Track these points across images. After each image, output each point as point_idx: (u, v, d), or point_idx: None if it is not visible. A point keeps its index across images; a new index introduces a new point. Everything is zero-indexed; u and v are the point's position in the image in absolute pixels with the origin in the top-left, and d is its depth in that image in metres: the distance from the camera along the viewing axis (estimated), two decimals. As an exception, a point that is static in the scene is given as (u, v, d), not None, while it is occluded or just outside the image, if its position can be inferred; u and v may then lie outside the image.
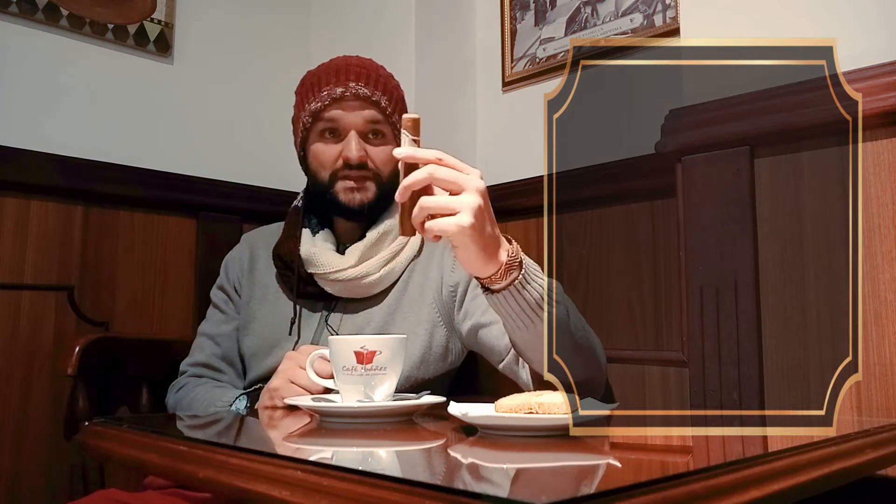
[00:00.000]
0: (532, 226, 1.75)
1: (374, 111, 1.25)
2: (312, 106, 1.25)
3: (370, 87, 1.25)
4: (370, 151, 1.25)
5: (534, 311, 0.95)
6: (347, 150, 1.24)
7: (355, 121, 1.24)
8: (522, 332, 0.97)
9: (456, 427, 0.83)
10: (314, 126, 1.26)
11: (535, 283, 0.94)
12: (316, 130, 1.26)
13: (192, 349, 1.37)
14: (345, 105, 1.24)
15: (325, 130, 1.26)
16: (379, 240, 1.26)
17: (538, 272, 0.97)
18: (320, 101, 1.24)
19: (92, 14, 1.72)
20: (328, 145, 1.26)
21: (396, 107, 1.28)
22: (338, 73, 1.25)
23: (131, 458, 0.78)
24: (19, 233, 1.57)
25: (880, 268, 1.08)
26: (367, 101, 1.24)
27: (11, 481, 1.51)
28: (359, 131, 1.25)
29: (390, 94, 1.27)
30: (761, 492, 0.57)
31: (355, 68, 1.26)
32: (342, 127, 1.25)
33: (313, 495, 0.55)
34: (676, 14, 1.57)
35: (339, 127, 1.25)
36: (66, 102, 1.68)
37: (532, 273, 0.95)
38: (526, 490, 0.56)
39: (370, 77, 1.26)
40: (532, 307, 0.94)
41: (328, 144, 1.26)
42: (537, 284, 0.95)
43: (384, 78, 1.29)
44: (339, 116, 1.24)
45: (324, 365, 1.03)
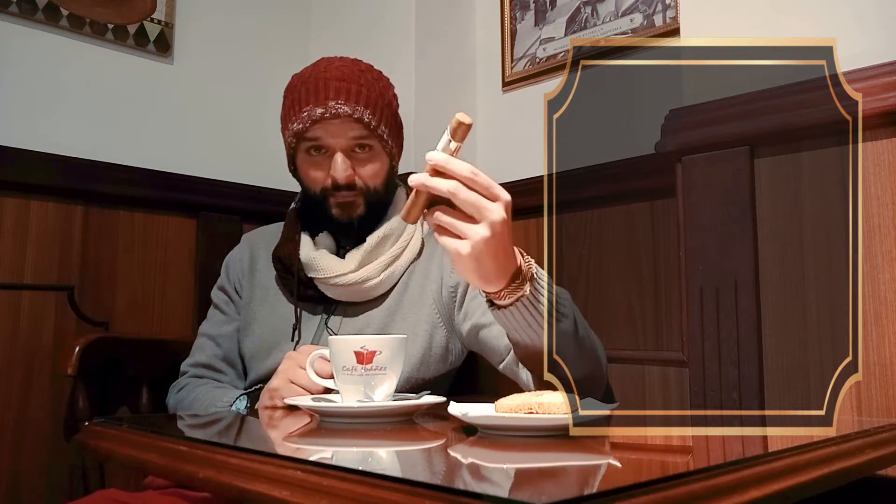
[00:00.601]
0: (532, 226, 1.75)
1: (358, 128, 1.22)
2: (295, 127, 1.23)
3: (351, 104, 1.20)
4: (357, 169, 1.24)
5: (539, 326, 0.93)
6: (334, 171, 1.22)
7: (339, 142, 1.22)
8: (526, 344, 0.97)
9: (456, 427, 0.83)
10: (299, 145, 1.25)
11: (542, 300, 0.91)
12: (302, 149, 1.25)
13: (193, 350, 1.37)
14: (327, 126, 1.21)
15: (310, 149, 1.24)
16: (379, 244, 1.26)
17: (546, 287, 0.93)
18: (301, 123, 1.21)
19: (92, 14, 1.72)
20: (315, 164, 1.24)
21: (382, 116, 1.24)
22: (317, 90, 1.21)
23: (131, 458, 0.78)
24: (19, 233, 1.57)
25: (880, 268, 1.08)
26: (349, 120, 1.21)
27: (11, 481, 1.51)
28: (343, 150, 1.23)
29: (374, 106, 1.23)
30: (761, 492, 0.57)
31: (335, 83, 1.21)
32: (327, 146, 1.23)
33: (313, 495, 0.55)
34: (676, 14, 1.58)
35: (323, 146, 1.23)
36: (66, 102, 1.68)
37: (539, 289, 0.92)
38: (526, 490, 0.55)
39: (350, 92, 1.21)
40: (539, 322, 0.92)
41: (315, 163, 1.24)
42: (540, 305, 0.92)
43: (367, 87, 1.24)
44: (322, 138, 1.22)
45: (324, 365, 1.03)
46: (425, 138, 1.76)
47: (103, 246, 1.68)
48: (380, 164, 1.26)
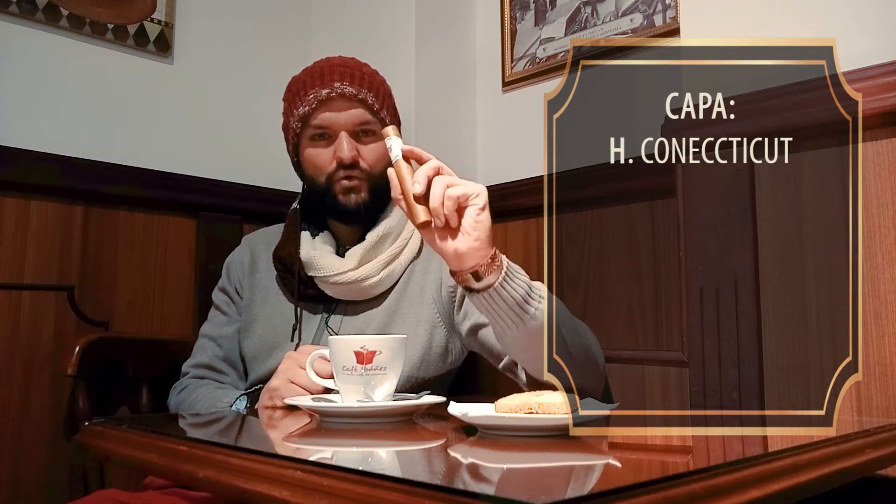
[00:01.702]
0: (532, 226, 1.74)
1: (362, 109, 1.25)
2: (301, 111, 1.24)
3: (355, 86, 1.24)
4: (361, 150, 1.26)
5: (520, 308, 0.96)
6: (340, 150, 1.24)
7: (345, 121, 1.24)
8: (510, 333, 0.98)
9: (456, 427, 0.83)
10: (304, 131, 1.26)
11: (518, 280, 0.96)
12: (307, 136, 1.26)
13: (194, 350, 1.37)
14: (332, 106, 1.24)
15: (315, 135, 1.26)
16: (379, 242, 1.26)
17: (519, 273, 0.98)
18: (307, 105, 1.24)
19: (92, 14, 1.72)
20: (320, 149, 1.26)
21: (385, 102, 1.29)
22: (322, 74, 1.25)
23: (131, 458, 0.78)
24: (19, 233, 1.57)
25: (880, 268, 1.08)
26: (354, 100, 1.24)
27: (11, 481, 1.51)
28: (349, 131, 1.25)
29: (377, 91, 1.27)
30: (761, 492, 0.57)
31: (339, 68, 1.26)
32: (332, 129, 1.25)
33: (313, 495, 0.55)
34: (676, 14, 1.58)
35: (329, 130, 1.25)
36: (66, 102, 1.68)
37: (515, 272, 0.97)
38: (525, 490, 0.55)
39: (354, 76, 1.26)
40: (517, 304, 0.95)
41: (320, 148, 1.26)
42: (517, 284, 0.96)
43: (368, 75, 1.29)
44: (329, 120, 1.24)
45: (324, 365, 1.03)
46: (426, 137, 1.76)
47: (103, 246, 1.68)
48: (382, 149, 1.27)
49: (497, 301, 0.95)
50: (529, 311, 0.96)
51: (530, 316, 0.96)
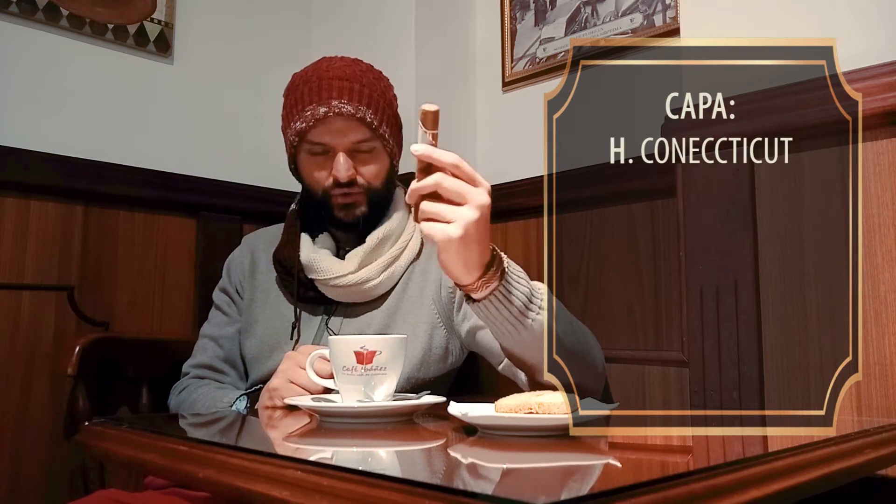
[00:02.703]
0: (532, 226, 1.74)
1: (361, 130, 1.22)
2: (297, 126, 1.22)
3: (353, 104, 1.20)
4: (360, 168, 1.24)
5: (517, 319, 0.94)
6: (336, 170, 1.22)
7: (342, 141, 1.22)
8: (508, 339, 0.98)
9: (456, 427, 0.83)
10: (301, 145, 1.25)
11: (517, 291, 0.94)
12: (304, 150, 1.25)
13: (195, 351, 1.37)
14: (330, 125, 1.21)
15: (312, 150, 1.24)
16: (379, 245, 1.26)
17: (522, 279, 0.96)
18: (305, 122, 1.21)
19: (92, 14, 1.72)
20: (317, 164, 1.24)
21: (384, 116, 1.25)
22: (320, 90, 1.21)
23: (131, 458, 0.78)
24: (19, 233, 1.57)
25: (880, 268, 1.08)
26: (353, 119, 1.21)
27: (11, 481, 1.51)
28: (346, 150, 1.23)
29: (376, 106, 1.23)
30: (761, 492, 0.57)
31: (337, 82, 1.21)
32: (329, 147, 1.23)
33: (313, 495, 0.55)
34: (676, 14, 1.58)
35: (326, 147, 1.23)
36: (66, 102, 1.68)
37: (515, 281, 0.94)
38: (525, 490, 0.56)
39: (353, 91, 1.21)
40: (515, 315, 0.94)
41: (317, 163, 1.24)
42: (520, 293, 0.94)
43: (368, 87, 1.24)
44: (325, 139, 1.22)
45: (324, 365, 1.03)
46: (425, 138, 1.75)
47: (103, 246, 1.68)
48: (381, 164, 1.26)
49: (493, 312, 0.94)
50: (526, 322, 0.95)
51: (528, 325, 0.95)
